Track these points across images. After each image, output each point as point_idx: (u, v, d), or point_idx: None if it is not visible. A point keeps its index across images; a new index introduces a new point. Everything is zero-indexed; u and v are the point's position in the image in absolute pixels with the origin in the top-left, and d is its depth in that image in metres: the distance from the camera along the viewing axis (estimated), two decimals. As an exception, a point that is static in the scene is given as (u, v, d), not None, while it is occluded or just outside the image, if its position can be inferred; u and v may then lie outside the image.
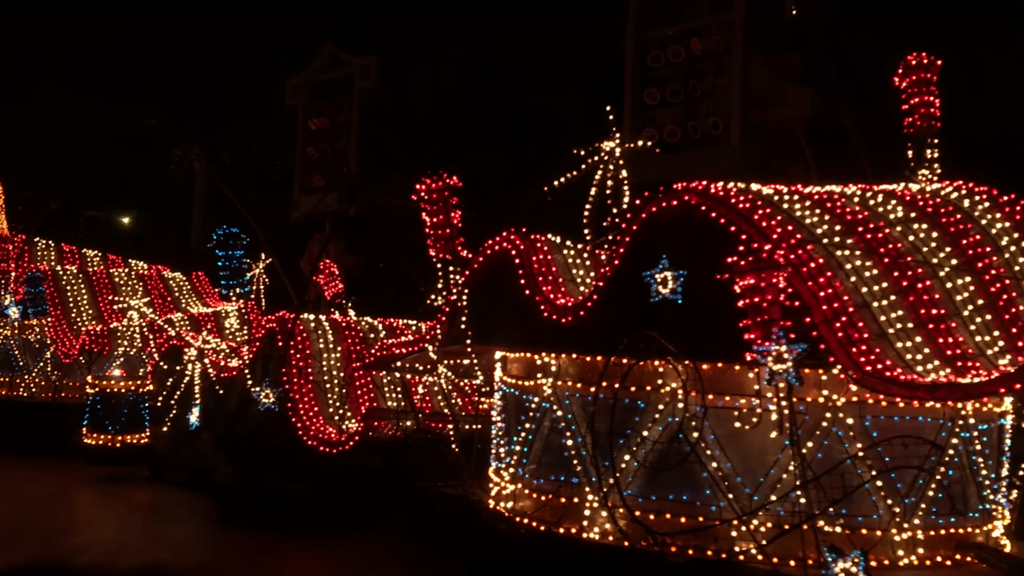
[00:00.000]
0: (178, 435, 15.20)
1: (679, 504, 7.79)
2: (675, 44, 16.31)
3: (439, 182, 10.00)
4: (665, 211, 8.65)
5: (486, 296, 10.40)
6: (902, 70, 10.64)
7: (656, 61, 16.52)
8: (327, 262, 18.29)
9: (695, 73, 16.08)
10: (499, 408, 9.82)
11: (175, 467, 15.43)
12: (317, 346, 14.02)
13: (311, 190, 22.31)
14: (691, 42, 16.07)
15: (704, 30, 16.06)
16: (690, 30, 16.14)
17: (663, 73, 16.47)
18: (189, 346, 15.17)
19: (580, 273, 10.36)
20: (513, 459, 9.15)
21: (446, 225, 10.16)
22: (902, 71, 10.64)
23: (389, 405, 14.22)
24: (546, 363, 8.85)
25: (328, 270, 18.16)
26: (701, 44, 15.96)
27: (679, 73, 16.23)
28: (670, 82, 16.37)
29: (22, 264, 20.53)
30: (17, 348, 19.05)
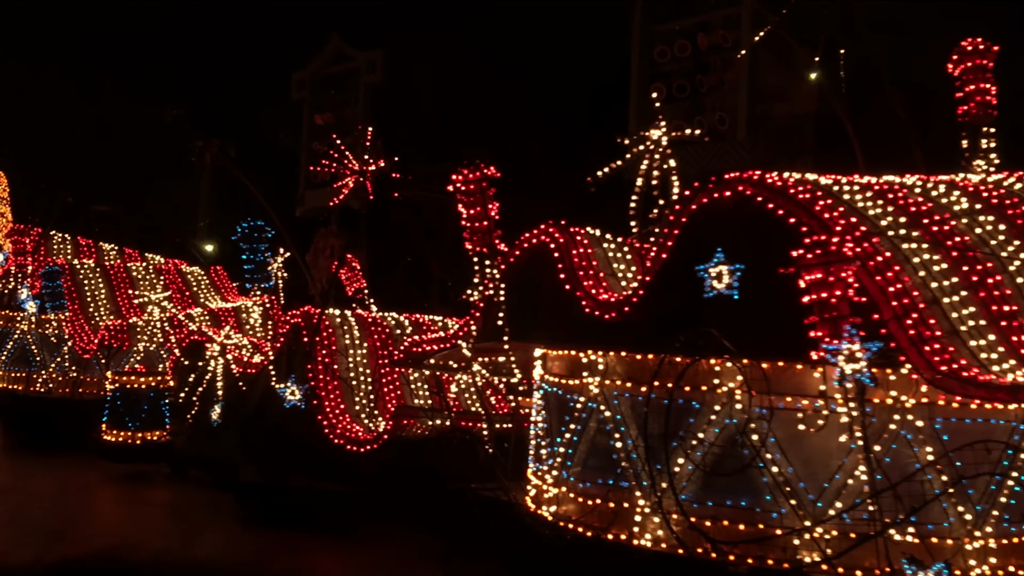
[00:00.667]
0: (200, 432, 14.85)
1: (737, 510, 7.40)
2: (681, 39, 16.23)
3: (476, 172, 9.62)
4: (717, 202, 8.25)
5: (523, 291, 10.04)
6: (956, 56, 10.21)
7: (662, 56, 16.46)
8: (348, 257, 17.93)
9: (701, 68, 16.03)
10: (539, 407, 9.44)
11: (196, 465, 15.11)
12: (343, 342, 13.66)
13: (317, 185, 22.22)
14: (697, 37, 15.98)
15: (711, 25, 15.98)
16: (696, 25, 16.11)
17: (669, 68, 16.46)
18: (211, 341, 14.83)
19: (621, 267, 9.98)
20: (556, 461, 8.77)
21: (483, 217, 9.78)
22: (956, 57, 10.20)
23: (416, 403, 13.87)
24: (593, 361, 8.46)
25: (350, 265, 17.80)
26: (707, 39, 15.88)
27: (685, 68, 16.22)
28: (676, 77, 16.31)
29: (38, 258, 20.26)
30: (34, 343, 18.76)
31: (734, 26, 15.79)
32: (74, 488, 14.52)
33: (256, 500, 13.00)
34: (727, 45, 15.80)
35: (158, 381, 15.58)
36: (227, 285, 21.04)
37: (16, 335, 18.86)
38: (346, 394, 13.32)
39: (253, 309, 18.57)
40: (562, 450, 8.70)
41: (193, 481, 15.09)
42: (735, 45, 15.63)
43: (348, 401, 13.31)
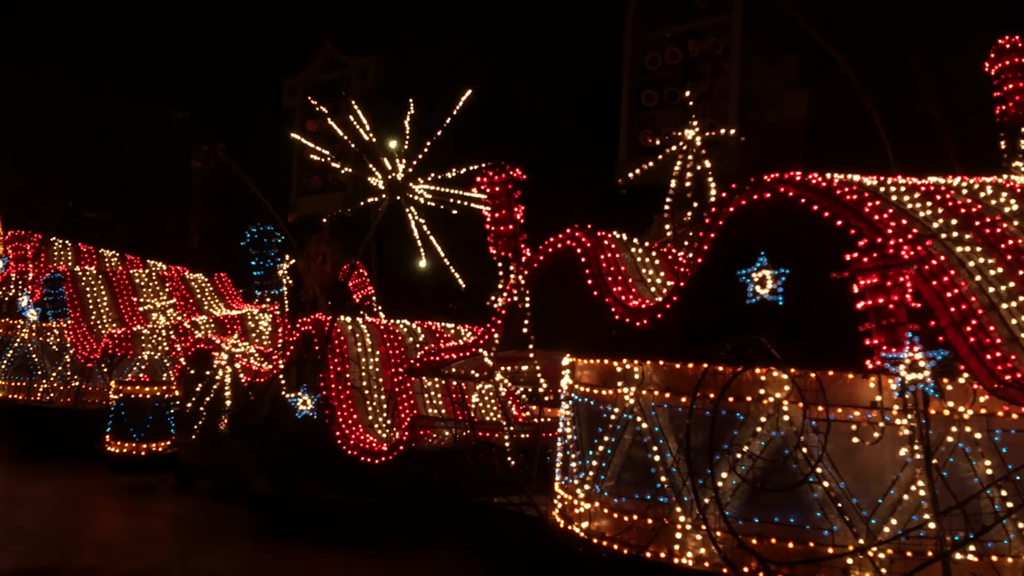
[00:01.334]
0: (207, 443, 14.47)
1: (786, 527, 7.04)
2: (672, 46, 16.22)
3: (502, 174, 9.27)
4: (757, 204, 7.91)
5: (548, 298, 9.70)
6: (993, 55, 9.90)
7: (653, 63, 16.43)
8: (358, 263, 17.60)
9: (692, 75, 15.92)
10: (569, 418, 9.08)
11: (204, 476, 14.72)
12: (355, 350, 13.30)
13: (309, 191, 22.18)
14: (688, 44, 15.94)
15: (701, 32, 15.96)
16: (687, 32, 16.06)
17: (660, 75, 16.43)
18: (219, 350, 14.44)
19: (649, 273, 9.65)
20: (589, 475, 8.41)
21: (508, 221, 9.43)
22: (993, 56, 9.89)
23: (430, 412, 13.51)
24: (628, 370, 8.11)
25: (357, 271, 17.46)
26: (698, 46, 15.84)
27: (676, 75, 16.12)
28: (667, 84, 16.26)
29: (39, 264, 19.86)
30: (35, 351, 18.35)
31: (724, 33, 15.76)
32: (75, 499, 14.12)
33: (267, 512, 12.62)
34: (718, 52, 15.78)
35: (163, 390, 15.19)
36: (231, 292, 20.66)
37: (17, 343, 18.45)
38: (359, 404, 12.96)
39: (260, 317, 18.20)
40: (595, 463, 8.34)
41: (200, 493, 14.70)
42: (725, 52, 15.66)
43: (361, 411, 12.94)
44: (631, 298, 8.88)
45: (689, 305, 8.18)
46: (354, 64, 21.97)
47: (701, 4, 15.97)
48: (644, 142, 16.40)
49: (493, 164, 9.31)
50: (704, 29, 15.99)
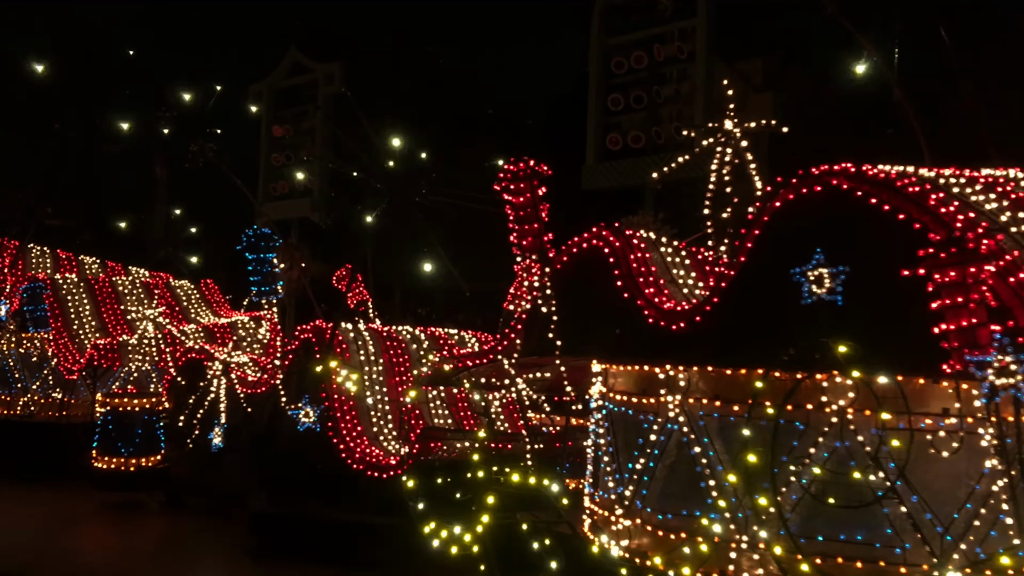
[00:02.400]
0: (201, 458, 13.78)
1: (853, 545, 6.52)
2: (638, 50, 16.44)
3: (526, 169, 8.71)
4: (805, 198, 7.38)
5: (573, 301, 9.15)
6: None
7: (619, 67, 16.66)
8: (349, 267, 16.99)
9: (658, 79, 16.21)
10: (603, 429, 8.51)
11: (197, 493, 14.04)
12: (357, 358, 12.69)
13: (276, 197, 22.44)
14: (654, 48, 16.19)
15: (667, 36, 16.17)
16: (653, 36, 16.27)
17: (626, 79, 16.63)
18: (212, 360, 13.78)
19: (680, 273, 9.13)
20: (628, 489, 7.85)
21: (533, 218, 8.87)
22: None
23: (436, 423, 12.92)
24: (672, 377, 7.57)
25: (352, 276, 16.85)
26: (663, 51, 16.12)
27: (642, 79, 16.36)
28: (634, 88, 16.49)
29: (16, 273, 19.07)
30: (14, 364, 17.56)
31: (690, 38, 16.05)
32: (59, 517, 13.41)
33: (267, 530, 11.97)
34: (683, 56, 16.05)
35: (152, 403, 14.48)
36: (219, 299, 19.98)
37: None
38: (362, 415, 12.35)
39: (251, 324, 17.54)
40: (635, 477, 7.78)
41: (193, 510, 14.02)
42: (690, 56, 15.97)
43: (365, 422, 12.33)
44: (664, 300, 8.37)
45: (732, 307, 7.66)
46: (319, 69, 22.01)
47: (666, 9, 16.17)
48: (611, 146, 16.72)
49: (516, 157, 8.76)
50: (669, 34, 16.18)
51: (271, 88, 22.74)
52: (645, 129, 16.19)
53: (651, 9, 16.49)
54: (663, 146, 16.06)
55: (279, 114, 22.47)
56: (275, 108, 22.63)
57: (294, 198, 22.41)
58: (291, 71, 22.65)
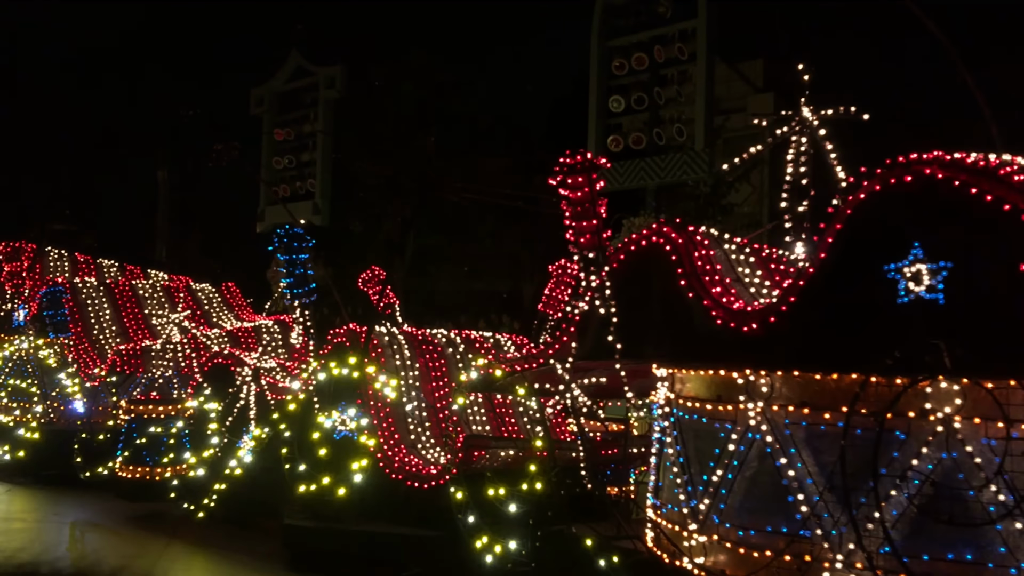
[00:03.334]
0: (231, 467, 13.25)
1: (962, 564, 6.00)
2: (639, 52, 16.71)
3: (584, 161, 8.21)
4: (894, 189, 6.88)
5: (632, 301, 8.65)
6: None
7: (620, 69, 16.96)
8: (376, 269, 16.49)
9: (659, 80, 16.47)
10: (670, 437, 8.00)
11: (226, 503, 13.52)
12: (393, 363, 12.18)
13: (277, 200, 22.63)
14: (654, 50, 16.47)
15: (667, 38, 16.43)
16: (653, 38, 16.52)
17: (627, 81, 16.90)
18: (240, 365, 13.29)
19: (745, 271, 8.63)
20: (703, 502, 7.34)
21: (591, 214, 8.37)
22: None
23: (474, 430, 12.42)
24: (753, 383, 7.05)
25: (376, 278, 16.35)
26: (664, 52, 16.41)
27: (643, 80, 16.65)
28: (635, 89, 16.76)
29: (34, 277, 18.63)
30: (33, 369, 17.11)
31: (690, 39, 16.17)
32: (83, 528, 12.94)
33: (300, 542, 11.47)
34: (683, 58, 16.29)
35: (178, 410, 14.01)
36: (240, 303, 19.52)
37: (13, 361, 17.21)
38: (399, 422, 11.84)
39: (274, 328, 17.07)
40: (711, 489, 7.27)
41: (221, 520, 13.51)
42: (691, 58, 16.15)
43: (402, 430, 11.82)
44: (731, 299, 7.87)
45: (811, 306, 7.15)
46: (321, 73, 22.20)
47: (666, 11, 16.37)
48: (612, 147, 16.78)
49: (573, 150, 8.26)
50: (670, 35, 16.47)
51: (272, 92, 22.88)
52: (646, 130, 16.33)
53: (651, 11, 16.60)
54: (664, 147, 16.12)
55: (281, 118, 22.66)
56: (277, 112, 22.82)
57: (296, 201, 22.53)
58: (292, 75, 22.79)
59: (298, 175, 22.66)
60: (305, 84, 22.53)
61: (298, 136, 22.44)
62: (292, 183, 22.64)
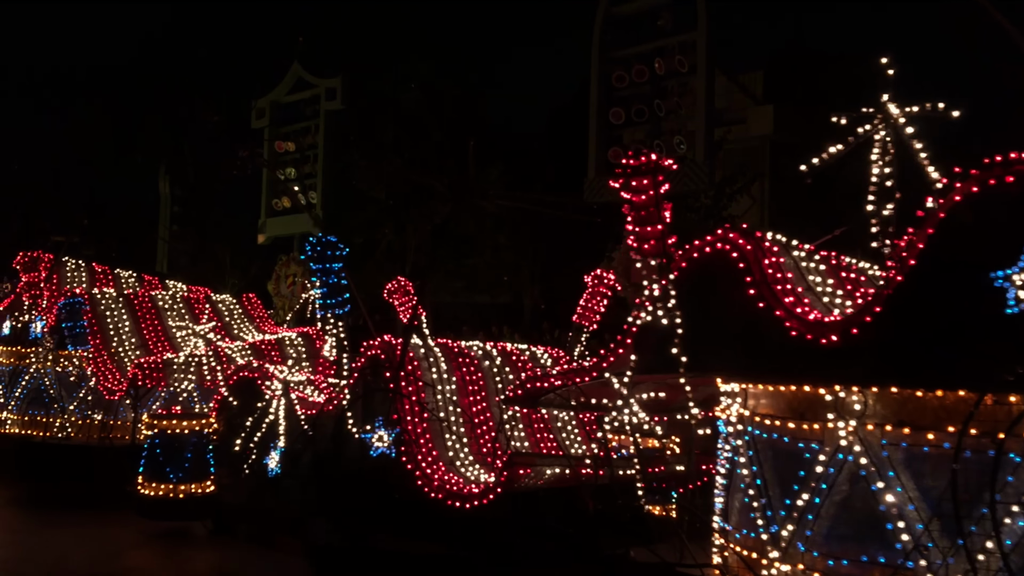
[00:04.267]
0: (257, 484, 12.76)
1: (1088, 600, 5.46)
2: (639, 64, 16.43)
3: (649, 162, 7.72)
4: (993, 190, 6.39)
5: (695, 311, 8.15)
6: None
7: (620, 81, 16.65)
8: (402, 280, 16.01)
9: (659, 92, 16.21)
10: (744, 457, 7.48)
11: (251, 520, 13.01)
12: (429, 376, 11.69)
13: (278, 212, 22.57)
14: (655, 62, 16.18)
15: (668, 50, 16.14)
16: (654, 50, 16.28)
17: (627, 93, 16.63)
18: (267, 379, 12.79)
19: (816, 280, 8.12)
20: (785, 528, 6.81)
21: (656, 219, 7.88)
22: None
23: (514, 447, 11.91)
24: (843, 400, 6.53)
25: (403, 288, 15.86)
26: (664, 64, 16.10)
27: (644, 92, 16.38)
28: (635, 101, 16.47)
29: (51, 287, 18.19)
30: (50, 383, 16.64)
31: (690, 51, 16.00)
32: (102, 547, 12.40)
33: (333, 565, 10.95)
34: (683, 70, 16.03)
35: (202, 425, 13.49)
36: (261, 315, 19.06)
37: (30, 374, 16.75)
38: (436, 438, 11.33)
39: (298, 340, 16.59)
40: (795, 515, 6.74)
41: (245, 539, 12.99)
42: (691, 70, 15.94)
43: (440, 446, 11.32)
44: (807, 310, 7.36)
45: (899, 317, 6.64)
46: (321, 85, 22.01)
47: (667, 23, 16.18)
48: (612, 159, 16.35)
49: (637, 149, 7.77)
50: (670, 47, 16.14)
51: (273, 103, 22.78)
52: (647, 142, 16.00)
53: (652, 23, 16.50)
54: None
55: (281, 129, 22.51)
56: (277, 123, 22.66)
57: (297, 213, 22.43)
58: (293, 86, 22.70)
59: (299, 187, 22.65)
60: (306, 96, 22.50)
61: (299, 148, 22.43)
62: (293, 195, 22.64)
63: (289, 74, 22.71)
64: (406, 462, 10.81)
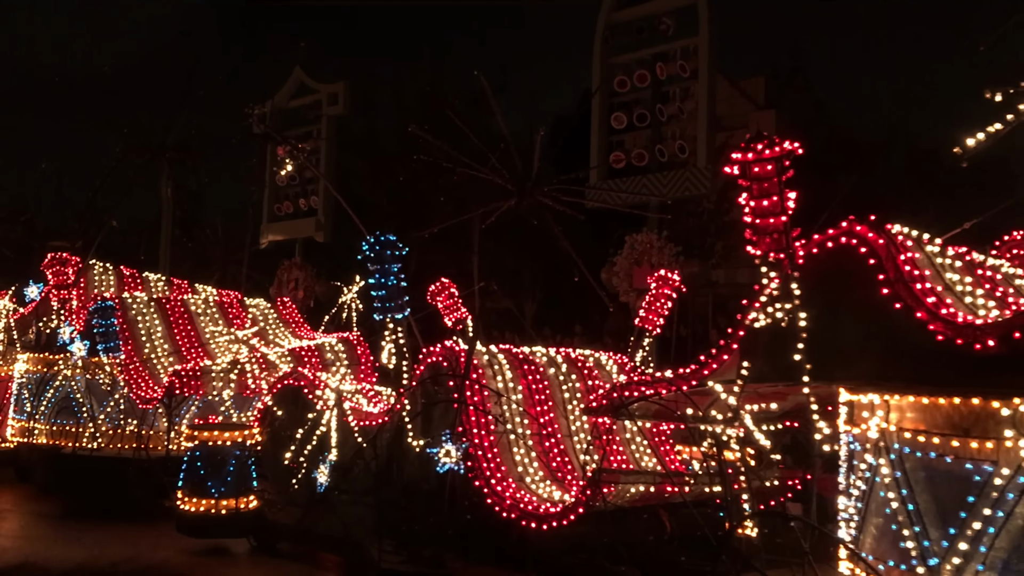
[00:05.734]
0: (308, 500, 11.93)
1: None
2: (641, 69, 16.53)
3: (773, 148, 6.89)
4: None
5: (819, 312, 7.32)
6: None
7: (623, 86, 16.73)
8: (445, 281, 15.24)
9: (661, 97, 16.30)
10: (889, 479, 6.61)
11: (296, 538, 12.21)
12: (495, 385, 10.88)
13: (279, 217, 22.69)
14: (656, 67, 16.29)
15: (669, 55, 16.24)
16: (655, 55, 16.36)
17: (630, 97, 16.71)
18: (315, 388, 11.98)
19: (953, 278, 7.29)
20: (948, 562, 5.96)
21: (778, 209, 7.04)
22: None
23: (584, 460, 11.08)
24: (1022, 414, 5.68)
25: (446, 289, 15.08)
26: (666, 69, 16.21)
27: (645, 97, 16.47)
28: (637, 106, 16.57)
29: (79, 291, 17.46)
30: (79, 391, 15.87)
31: (692, 56, 16.05)
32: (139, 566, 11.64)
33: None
34: (685, 75, 16.10)
35: (245, 436, 12.69)
36: (296, 319, 18.28)
37: (59, 382, 15.99)
38: (504, 452, 10.51)
39: (338, 346, 15.80)
40: (959, 546, 5.89)
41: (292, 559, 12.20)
42: (693, 75, 16.00)
43: (508, 461, 10.49)
44: (953, 312, 6.52)
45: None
46: (324, 90, 22.01)
47: (668, 28, 16.22)
48: (615, 164, 16.64)
49: (757, 134, 6.95)
50: (672, 52, 16.24)
51: (275, 108, 22.77)
52: (649, 147, 16.19)
53: (653, 28, 16.52)
54: (667, 164, 15.96)
55: (283, 135, 22.46)
56: (279, 129, 22.62)
57: (298, 218, 22.48)
58: (295, 92, 22.71)
59: (301, 192, 22.65)
60: (308, 101, 22.46)
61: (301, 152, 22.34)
62: (295, 200, 22.62)
63: (291, 79, 22.62)
64: (474, 478, 9.99)
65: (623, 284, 16.94)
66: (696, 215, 24.96)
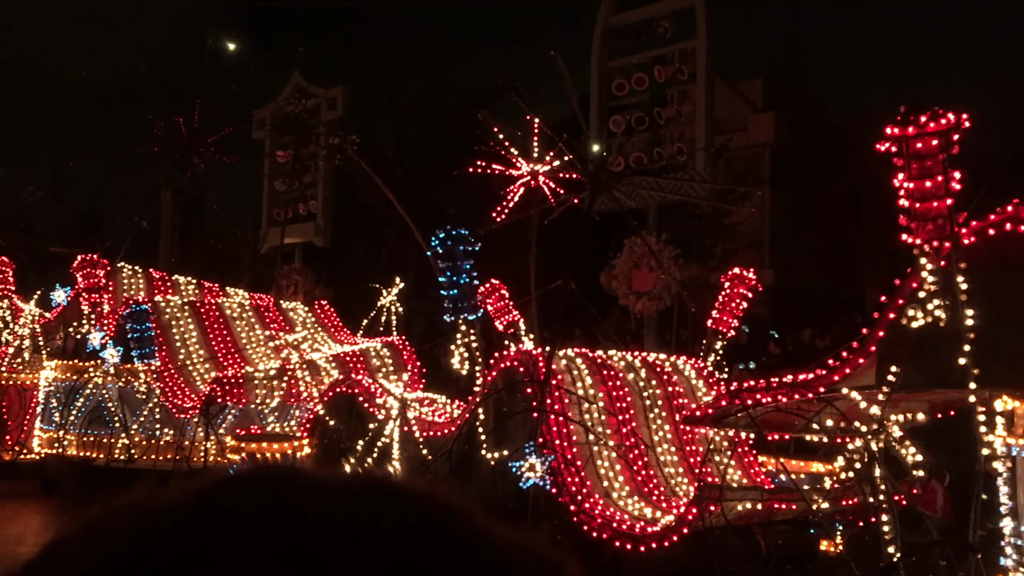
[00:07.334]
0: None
1: None
2: (639, 72, 16.39)
3: (938, 120, 6.02)
4: None
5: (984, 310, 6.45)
6: None
7: (621, 90, 16.61)
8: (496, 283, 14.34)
9: (659, 100, 16.17)
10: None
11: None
12: (576, 392, 10.01)
13: (279, 222, 22.39)
14: (655, 70, 16.16)
15: (668, 58, 16.16)
16: (654, 58, 16.24)
17: (628, 101, 16.58)
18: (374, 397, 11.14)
19: None
20: None
21: (941, 190, 6.17)
22: None
23: (668, 474, 10.22)
24: None
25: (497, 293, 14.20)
26: (664, 72, 16.08)
27: (644, 100, 16.33)
28: (635, 110, 16.43)
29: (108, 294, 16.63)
30: (111, 400, 15.03)
31: (690, 59, 15.98)
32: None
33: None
34: (683, 78, 16.03)
35: (295, 448, 11.86)
36: (335, 323, 17.45)
37: (90, 390, 15.16)
38: (587, 465, 9.65)
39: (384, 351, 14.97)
40: None
41: None
42: (691, 78, 15.94)
43: (592, 475, 9.63)
44: None
45: None
46: (322, 94, 21.93)
47: (666, 31, 16.11)
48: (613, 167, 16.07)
49: (918, 104, 6.08)
50: (670, 55, 16.14)
51: (274, 114, 22.60)
52: (647, 150, 16.11)
53: (651, 31, 16.43)
54: (665, 167, 15.86)
55: (282, 139, 22.34)
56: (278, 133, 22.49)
57: (298, 223, 22.41)
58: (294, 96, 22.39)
59: (300, 196, 22.60)
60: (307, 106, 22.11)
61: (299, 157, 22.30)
62: (294, 205, 22.53)
63: (289, 84, 22.42)
64: (558, 495, 9.13)
65: (622, 287, 16.62)
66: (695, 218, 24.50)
